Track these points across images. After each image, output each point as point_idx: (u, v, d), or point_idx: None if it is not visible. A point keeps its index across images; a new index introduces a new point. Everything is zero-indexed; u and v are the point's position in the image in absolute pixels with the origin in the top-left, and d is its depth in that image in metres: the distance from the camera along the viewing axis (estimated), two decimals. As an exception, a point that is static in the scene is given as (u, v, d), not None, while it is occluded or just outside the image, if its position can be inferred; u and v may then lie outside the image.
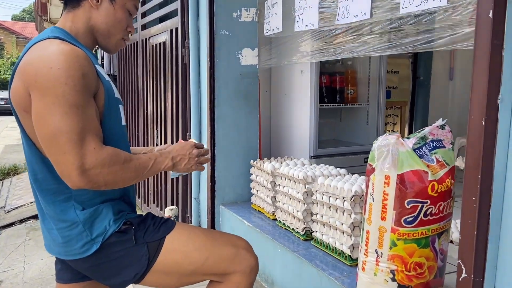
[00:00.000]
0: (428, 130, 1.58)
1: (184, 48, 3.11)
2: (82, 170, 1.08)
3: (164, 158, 1.28)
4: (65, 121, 1.08)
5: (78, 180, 1.09)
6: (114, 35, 1.31)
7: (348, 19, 2.07)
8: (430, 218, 1.49)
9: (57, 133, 1.08)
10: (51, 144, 1.10)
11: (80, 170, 1.08)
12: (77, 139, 1.09)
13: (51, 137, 1.09)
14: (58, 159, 1.10)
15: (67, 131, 1.08)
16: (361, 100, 3.30)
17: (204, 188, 2.97)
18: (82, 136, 1.10)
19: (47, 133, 1.09)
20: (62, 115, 1.08)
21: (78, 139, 1.09)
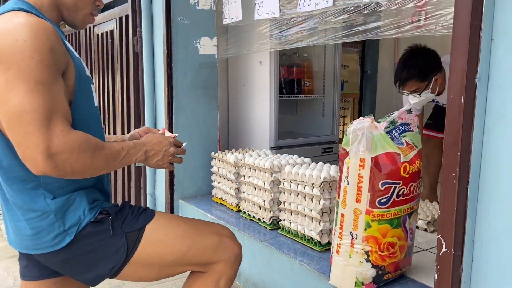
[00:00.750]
0: (397, 114, 1.63)
1: (135, 36, 2.96)
2: (47, 154, 0.97)
3: (137, 151, 1.19)
4: (29, 98, 0.97)
5: (43, 165, 0.98)
6: (81, 9, 1.21)
7: (310, 7, 2.08)
8: (402, 198, 1.54)
9: (20, 111, 0.96)
10: (13, 123, 0.98)
11: (45, 154, 0.97)
12: (43, 119, 0.98)
13: (13, 115, 0.97)
14: (20, 141, 0.98)
15: (32, 109, 0.97)
16: (317, 92, 3.36)
17: (161, 183, 2.86)
18: (49, 116, 0.99)
19: (9, 111, 0.97)
20: (27, 92, 0.97)
21: (43, 119, 0.98)
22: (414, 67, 2.26)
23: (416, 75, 2.27)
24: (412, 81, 2.29)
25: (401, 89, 2.36)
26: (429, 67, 2.29)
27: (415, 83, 2.29)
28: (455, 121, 1.15)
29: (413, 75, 2.27)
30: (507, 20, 1.07)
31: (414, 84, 2.29)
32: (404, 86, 2.33)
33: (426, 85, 2.28)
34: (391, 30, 1.88)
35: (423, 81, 2.28)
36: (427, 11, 1.73)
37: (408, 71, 2.27)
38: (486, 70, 1.12)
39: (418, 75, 2.27)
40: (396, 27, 1.86)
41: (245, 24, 2.59)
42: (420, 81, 2.28)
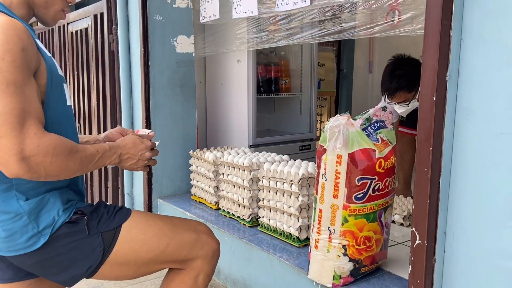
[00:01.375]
0: (372, 111, 1.67)
1: (111, 34, 2.93)
2: (21, 157, 0.96)
3: (112, 154, 1.17)
4: (2, 101, 0.95)
5: (16, 168, 0.96)
6: (52, 6, 1.19)
7: (288, 6, 2.10)
8: (377, 193, 1.58)
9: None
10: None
11: (18, 156, 0.95)
12: (16, 122, 0.96)
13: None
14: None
15: (4, 112, 0.95)
16: (294, 90, 3.39)
17: (139, 182, 2.84)
18: (21, 118, 0.97)
19: None
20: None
21: (16, 122, 0.96)
22: (403, 78, 2.27)
23: (405, 87, 2.28)
24: (401, 92, 2.29)
25: (389, 99, 2.37)
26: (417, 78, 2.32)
27: (403, 94, 2.30)
28: (427, 118, 1.19)
29: (402, 86, 2.28)
30: (475, 20, 1.11)
31: (403, 95, 2.31)
32: (393, 97, 2.34)
33: (413, 94, 2.31)
34: (367, 29, 1.92)
35: (411, 91, 2.29)
36: (400, 10, 1.78)
37: (398, 82, 2.27)
38: (456, 68, 1.17)
39: (407, 86, 2.27)
40: (372, 27, 1.90)
41: (223, 23, 2.60)
42: (409, 91, 2.29)
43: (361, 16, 1.95)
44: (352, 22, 1.97)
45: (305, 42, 2.20)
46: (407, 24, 1.72)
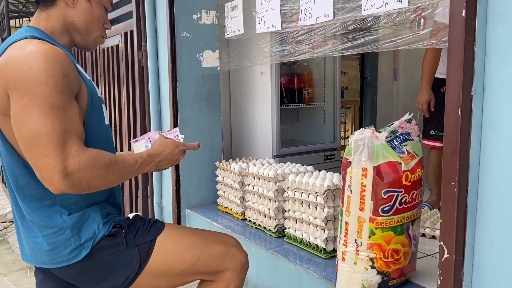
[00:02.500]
0: (397, 124, 1.68)
1: (140, 51, 3.03)
2: (64, 173, 1.03)
3: (150, 162, 1.25)
4: (45, 122, 1.03)
5: (61, 184, 1.03)
6: (92, 33, 1.27)
7: (310, 21, 2.14)
8: (404, 206, 1.58)
9: (36, 135, 1.02)
10: (30, 146, 1.03)
11: (62, 173, 1.03)
12: (58, 141, 1.03)
13: (30, 139, 1.03)
14: (38, 163, 1.04)
15: (48, 133, 1.03)
16: (317, 100, 3.41)
17: (168, 193, 2.92)
18: (64, 138, 1.04)
19: (27, 135, 1.03)
20: (42, 116, 1.02)
21: (59, 141, 1.03)
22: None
23: None
24: None
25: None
26: None
27: None
28: (453, 132, 1.20)
29: None
30: (499, 36, 1.13)
31: None
32: None
33: None
34: (391, 42, 1.93)
35: None
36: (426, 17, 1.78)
37: None
38: (481, 83, 1.18)
39: None
40: (396, 39, 1.91)
41: (247, 38, 2.66)
42: None
43: (385, 29, 1.97)
44: (376, 35, 1.99)
45: (327, 55, 2.23)
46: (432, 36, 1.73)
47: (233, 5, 2.66)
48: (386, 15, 1.87)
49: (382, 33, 1.97)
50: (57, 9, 1.22)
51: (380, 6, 1.77)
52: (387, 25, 1.94)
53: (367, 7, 1.84)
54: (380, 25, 1.94)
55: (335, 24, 2.08)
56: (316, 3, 2.09)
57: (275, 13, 2.32)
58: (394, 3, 1.69)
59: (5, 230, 4.70)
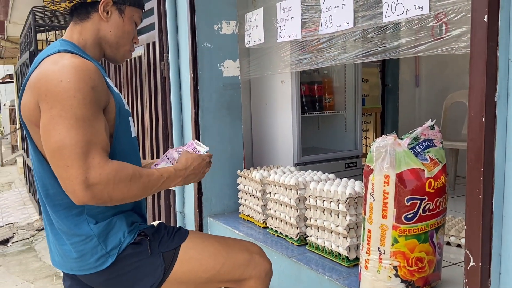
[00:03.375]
0: (419, 130, 1.67)
1: (163, 61, 3.10)
2: (86, 185, 1.05)
3: (177, 177, 1.25)
4: (69, 133, 1.06)
5: (82, 195, 1.06)
6: (122, 47, 1.32)
7: (331, 29, 2.15)
8: (428, 213, 1.56)
9: (61, 145, 1.06)
10: (55, 157, 1.07)
11: (83, 185, 1.05)
12: (81, 153, 1.06)
13: (55, 149, 1.07)
14: (61, 173, 1.07)
15: (71, 144, 1.06)
16: (338, 107, 3.41)
17: (190, 201, 2.95)
18: (87, 149, 1.07)
19: (52, 146, 1.07)
20: (68, 128, 1.06)
21: (82, 153, 1.06)
22: None
23: None
24: None
25: None
26: None
27: None
28: (476, 138, 1.19)
29: None
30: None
31: None
32: None
33: None
34: (411, 48, 1.92)
35: None
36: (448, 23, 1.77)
37: None
38: (505, 88, 1.16)
39: None
40: (417, 45, 1.90)
41: (267, 47, 2.68)
42: None
43: (405, 35, 1.96)
44: (396, 41, 1.99)
45: (348, 62, 2.23)
46: (452, 42, 1.71)
47: (253, 15, 2.70)
48: (407, 22, 1.87)
49: (403, 40, 1.96)
50: (90, 22, 1.27)
51: (401, 13, 1.77)
52: (408, 31, 1.93)
53: (388, 14, 1.85)
54: (401, 31, 1.94)
55: (356, 32, 2.09)
56: (336, 12, 2.10)
57: (296, 22, 2.35)
58: (415, 9, 1.69)
59: (32, 238, 4.83)
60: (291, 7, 2.34)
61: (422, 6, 1.62)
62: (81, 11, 1.26)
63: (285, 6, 2.38)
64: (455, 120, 3.58)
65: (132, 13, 1.31)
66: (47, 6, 1.29)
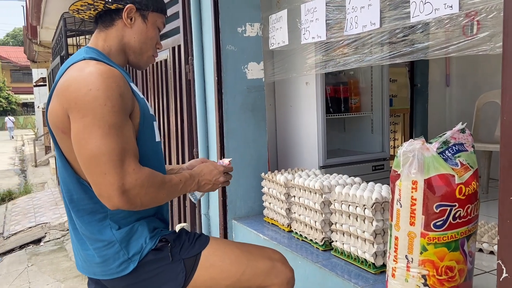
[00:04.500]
0: (449, 134, 1.60)
1: (188, 64, 3.12)
2: (122, 190, 1.08)
3: (192, 182, 1.30)
4: (105, 142, 1.08)
5: (118, 201, 1.09)
6: (146, 52, 1.33)
7: (356, 30, 2.10)
8: (459, 221, 1.50)
9: (97, 153, 1.08)
10: (91, 164, 1.09)
11: (120, 190, 1.08)
12: (117, 160, 1.09)
13: (91, 158, 1.09)
14: (98, 180, 1.09)
15: (108, 152, 1.08)
16: (364, 109, 3.34)
17: (214, 203, 2.95)
18: (122, 156, 1.10)
19: (87, 154, 1.09)
20: (102, 136, 1.08)
21: (118, 160, 1.09)
22: None
23: None
24: None
25: None
26: None
27: None
28: (510, 143, 1.13)
29: None
30: (561, 40, 1.05)
31: None
32: None
33: None
34: (441, 49, 1.85)
35: None
36: (480, 21, 1.69)
37: None
38: (541, 91, 1.10)
39: None
40: (447, 46, 1.82)
41: (291, 48, 2.66)
42: None
43: (435, 35, 1.89)
44: (425, 42, 1.92)
45: (375, 64, 2.18)
46: (486, 41, 1.64)
47: (277, 16, 2.68)
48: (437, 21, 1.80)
49: (433, 40, 1.90)
50: (115, 29, 1.28)
51: (430, 13, 1.72)
52: (437, 31, 1.87)
53: (415, 13, 1.79)
54: (430, 31, 1.87)
55: (383, 32, 2.03)
56: (362, 12, 2.05)
57: (320, 23, 2.31)
58: (445, 8, 1.63)
59: (63, 238, 4.97)
60: (315, 8, 2.31)
61: (452, 5, 1.56)
62: (106, 18, 1.28)
63: (309, 7, 2.35)
64: (488, 121, 3.45)
65: (155, 18, 1.32)
66: (72, 14, 1.31)
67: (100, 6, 1.25)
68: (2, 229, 5.62)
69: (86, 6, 1.25)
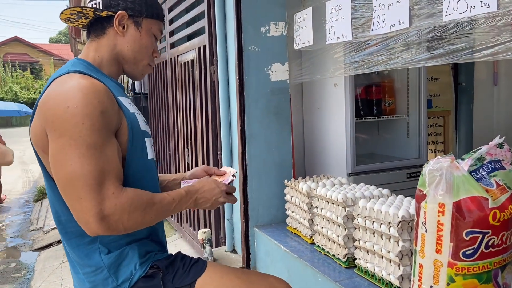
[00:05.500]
0: (485, 149, 1.41)
1: (212, 65, 3.04)
2: (100, 217, 1.00)
3: (188, 199, 1.21)
4: (81, 163, 1.00)
5: (97, 228, 1.01)
6: (140, 61, 1.25)
7: (384, 29, 1.92)
8: (492, 250, 1.31)
9: (72, 177, 1.00)
10: (66, 188, 1.02)
11: (98, 217, 1.00)
12: (95, 184, 1.01)
13: (67, 181, 1.01)
14: (74, 205, 1.02)
15: (84, 174, 1.00)
16: (400, 111, 3.11)
17: (238, 209, 2.86)
18: (100, 180, 1.01)
19: (63, 176, 1.02)
20: (79, 157, 1.00)
21: (95, 184, 1.01)
22: None
23: None
24: None
25: None
26: None
27: None
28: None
29: None
30: None
31: None
32: None
33: None
34: (487, 49, 1.63)
35: None
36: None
37: None
38: None
39: None
40: (494, 45, 1.60)
41: (318, 49, 2.50)
42: None
43: (473, 35, 1.67)
44: (465, 43, 1.70)
45: (409, 67, 1.98)
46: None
47: (302, 15, 2.53)
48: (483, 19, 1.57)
49: (477, 40, 1.67)
50: (106, 38, 1.21)
51: (464, 11, 1.52)
52: (474, 31, 1.65)
53: (448, 12, 1.59)
54: (464, 31, 1.66)
55: (412, 32, 1.84)
56: (390, 10, 1.87)
57: (346, 22, 2.14)
58: (481, 7, 1.43)
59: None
60: (340, 5, 2.14)
61: (489, 3, 1.36)
62: (97, 27, 1.21)
63: (334, 5, 2.18)
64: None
65: (150, 25, 1.23)
66: (65, 23, 1.25)
67: (90, 14, 1.18)
68: (43, 223, 5.83)
69: (76, 15, 1.18)
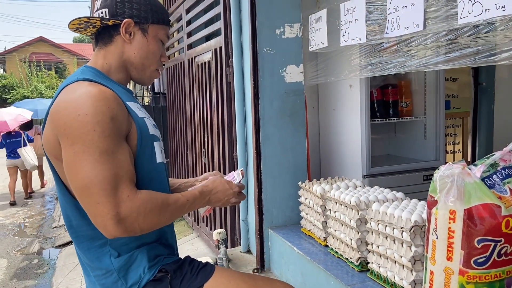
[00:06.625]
0: (498, 155, 1.38)
1: (228, 67, 3.06)
2: (117, 220, 1.04)
3: (202, 200, 1.25)
4: (96, 169, 1.04)
5: (114, 230, 1.05)
6: (148, 67, 1.27)
7: (398, 32, 1.90)
8: (505, 258, 1.29)
9: (88, 183, 1.04)
10: (83, 194, 1.06)
11: (115, 220, 1.03)
12: (110, 188, 1.04)
13: (83, 187, 1.05)
14: (91, 210, 1.06)
15: (99, 180, 1.04)
16: (417, 112, 3.07)
17: (252, 210, 2.88)
18: (115, 184, 1.05)
19: (79, 183, 1.05)
20: (93, 164, 1.03)
21: (110, 188, 1.04)
22: None
23: None
24: None
25: None
26: None
27: None
28: None
29: None
30: None
31: None
32: None
33: None
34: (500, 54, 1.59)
35: None
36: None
37: None
38: None
39: None
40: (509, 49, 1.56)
41: (333, 50, 2.49)
42: None
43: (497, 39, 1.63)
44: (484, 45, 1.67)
45: (424, 70, 1.95)
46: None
47: (317, 16, 2.52)
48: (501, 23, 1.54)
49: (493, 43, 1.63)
50: (114, 46, 1.24)
51: (479, 14, 1.49)
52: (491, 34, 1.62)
53: (463, 14, 1.57)
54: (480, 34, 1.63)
55: (427, 35, 1.82)
56: (404, 13, 1.85)
57: (360, 24, 2.13)
58: (496, 9, 1.40)
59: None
60: (355, 8, 2.13)
61: (505, 6, 1.33)
62: (104, 35, 1.24)
63: (349, 7, 2.17)
64: None
65: (157, 31, 1.25)
66: (74, 32, 1.28)
67: (97, 23, 1.21)
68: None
69: (83, 24, 1.21)
